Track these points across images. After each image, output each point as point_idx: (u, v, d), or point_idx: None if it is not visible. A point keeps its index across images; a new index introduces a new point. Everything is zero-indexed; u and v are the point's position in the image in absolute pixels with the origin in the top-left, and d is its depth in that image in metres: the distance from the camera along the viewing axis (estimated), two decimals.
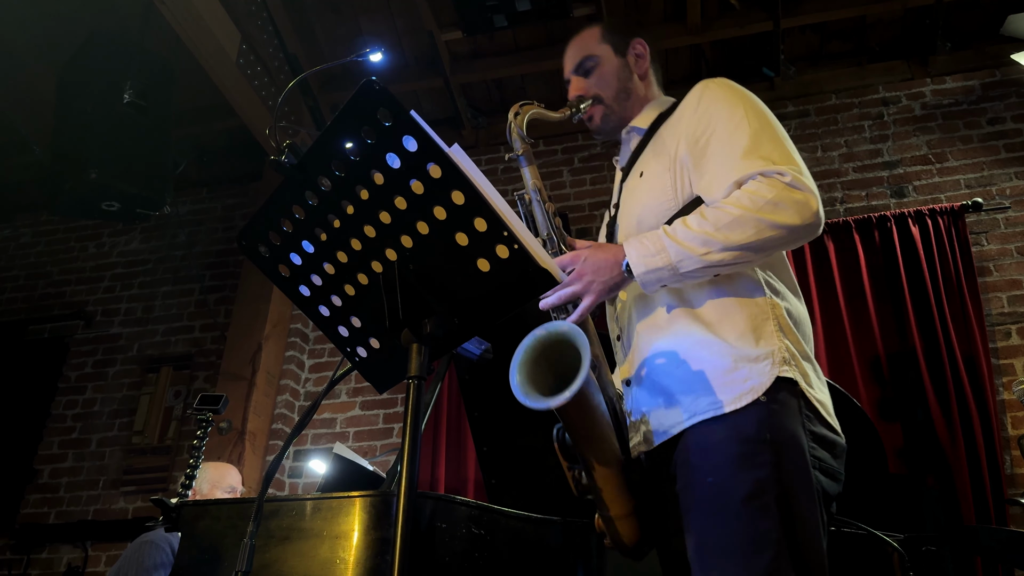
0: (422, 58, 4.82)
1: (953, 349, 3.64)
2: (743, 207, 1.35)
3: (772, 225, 1.34)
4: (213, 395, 2.67)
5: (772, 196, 1.34)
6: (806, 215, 1.34)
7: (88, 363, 5.07)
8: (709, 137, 1.48)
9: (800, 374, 1.39)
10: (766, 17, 4.38)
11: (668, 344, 1.46)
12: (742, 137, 1.44)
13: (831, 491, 1.38)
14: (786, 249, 1.49)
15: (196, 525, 1.67)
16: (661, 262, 1.38)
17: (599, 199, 4.71)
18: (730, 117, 1.48)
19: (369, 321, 1.30)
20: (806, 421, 1.36)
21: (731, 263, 1.37)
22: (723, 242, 1.35)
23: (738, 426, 1.33)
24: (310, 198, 1.23)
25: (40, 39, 4.45)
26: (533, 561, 1.69)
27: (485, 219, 1.11)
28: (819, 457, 1.36)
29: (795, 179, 1.36)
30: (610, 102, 1.73)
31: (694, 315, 1.45)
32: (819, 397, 1.42)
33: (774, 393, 1.34)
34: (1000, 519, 3.36)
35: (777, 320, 1.42)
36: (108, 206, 3.84)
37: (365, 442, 4.38)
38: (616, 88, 1.73)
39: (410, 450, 1.09)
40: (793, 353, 1.40)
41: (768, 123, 1.48)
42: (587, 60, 1.77)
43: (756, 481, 1.28)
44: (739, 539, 1.26)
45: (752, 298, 1.44)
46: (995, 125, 4.32)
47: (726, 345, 1.39)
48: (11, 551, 4.58)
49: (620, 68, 1.75)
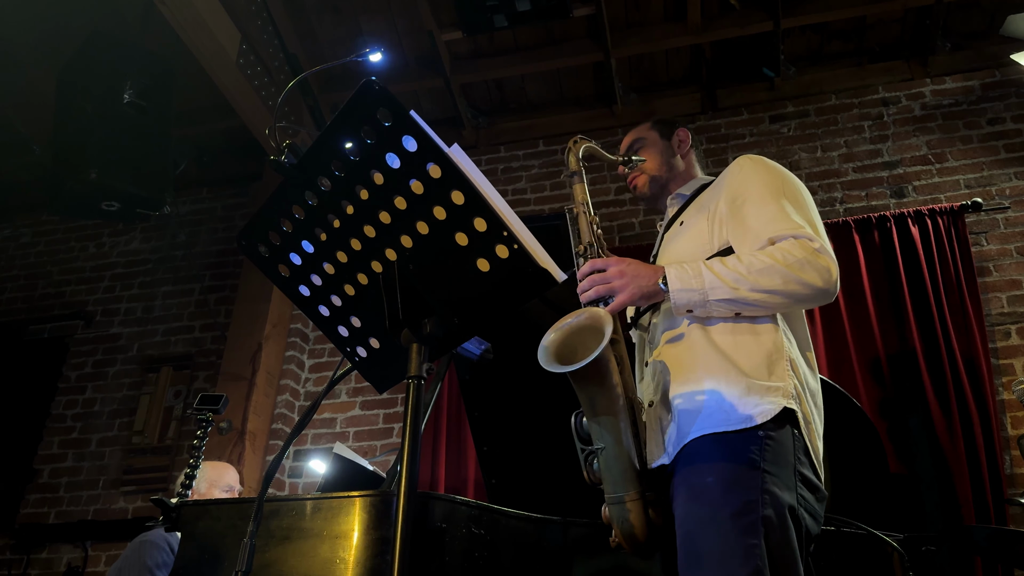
0: (422, 58, 4.81)
1: (953, 349, 3.64)
2: (775, 259, 1.53)
3: (797, 280, 1.51)
4: (213, 395, 2.67)
5: (801, 256, 1.52)
6: (827, 280, 1.53)
7: (88, 363, 5.07)
8: (747, 197, 1.68)
9: (802, 413, 1.51)
10: (766, 17, 4.39)
11: (688, 370, 1.59)
12: (778, 203, 1.63)
13: (812, 531, 1.47)
14: (803, 307, 1.67)
15: (196, 525, 1.67)
16: (695, 284, 1.55)
17: (599, 199, 4.72)
18: (769, 185, 1.68)
19: (369, 321, 1.30)
20: (797, 463, 1.47)
21: (754, 304, 1.54)
22: (752, 283, 1.52)
23: (735, 451, 1.44)
24: (310, 198, 1.23)
25: (40, 39, 4.46)
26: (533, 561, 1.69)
27: (485, 219, 1.11)
28: (805, 497, 1.46)
29: (822, 248, 1.55)
30: (653, 171, 1.98)
31: (715, 347, 1.58)
32: (814, 442, 1.53)
33: (776, 427, 1.46)
34: (1000, 519, 3.35)
35: (789, 361, 1.55)
36: (108, 206, 3.84)
37: (365, 442, 4.38)
38: (659, 161, 1.98)
39: (410, 450, 1.09)
40: (800, 392, 1.53)
41: (803, 197, 1.68)
42: (636, 142, 2.03)
43: (745, 502, 1.39)
44: (726, 551, 1.35)
45: (769, 338, 1.57)
46: (995, 125, 4.32)
47: (741, 375, 1.52)
48: (11, 551, 4.58)
49: (664, 147, 2.00)
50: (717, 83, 4.81)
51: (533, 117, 5.08)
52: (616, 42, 4.58)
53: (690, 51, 4.75)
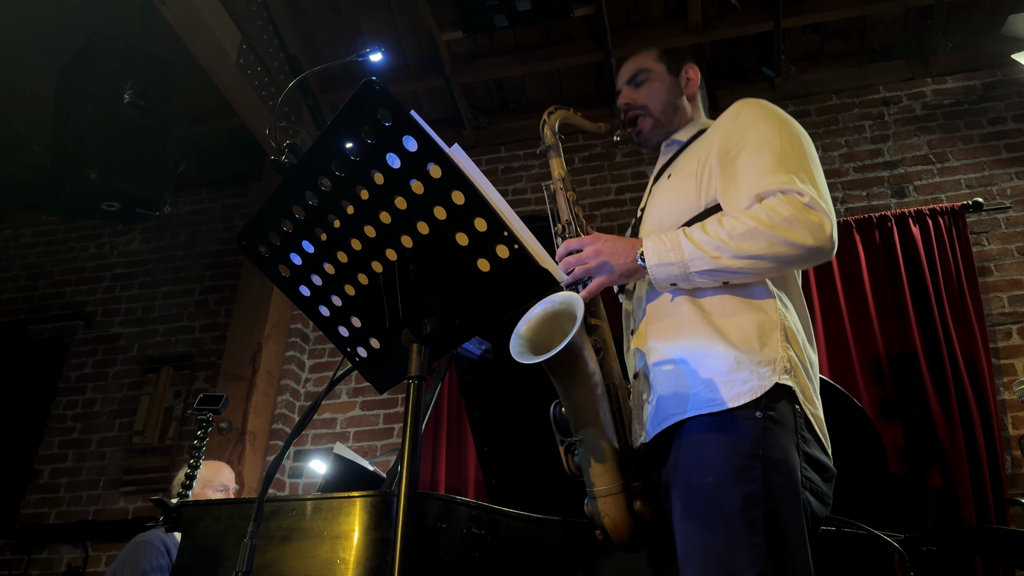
0: (422, 58, 4.81)
1: (953, 349, 3.64)
2: (758, 220, 1.40)
3: (784, 241, 1.38)
4: (213, 395, 2.67)
5: (788, 214, 1.39)
6: (819, 237, 1.39)
7: (88, 363, 5.07)
8: (740, 150, 1.53)
9: (800, 387, 1.41)
10: (766, 17, 4.38)
11: (674, 341, 1.48)
12: (770, 154, 1.49)
13: (819, 513, 1.39)
14: (796, 268, 1.55)
15: (196, 525, 1.66)
16: (674, 258, 1.43)
17: (599, 199, 4.72)
18: (764, 134, 1.53)
19: (369, 321, 1.30)
20: (801, 442, 1.38)
21: (740, 271, 1.42)
22: (735, 250, 1.40)
23: (733, 439, 1.35)
24: (310, 198, 1.22)
25: (40, 39, 4.45)
26: (533, 561, 1.69)
27: (485, 219, 1.11)
28: (810, 479, 1.38)
29: (813, 200, 1.40)
30: (658, 114, 1.79)
31: (703, 317, 1.48)
32: (816, 413, 1.44)
33: (772, 404, 1.36)
34: (1000, 519, 3.35)
35: (784, 331, 1.44)
36: (108, 206, 3.84)
37: (365, 442, 4.38)
38: (665, 102, 1.79)
39: (410, 450, 1.09)
40: (795, 364, 1.42)
41: (800, 145, 1.52)
42: (641, 73, 1.82)
43: (746, 497, 1.30)
44: (728, 551, 1.28)
45: (762, 307, 1.47)
46: (996, 125, 4.32)
47: (730, 347, 1.42)
48: (11, 551, 4.58)
49: (671, 85, 1.81)
50: (717, 83, 4.81)
51: (533, 117, 5.07)
52: (616, 42, 4.58)
53: (690, 51, 4.74)
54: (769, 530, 1.28)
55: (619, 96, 1.86)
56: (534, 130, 1.74)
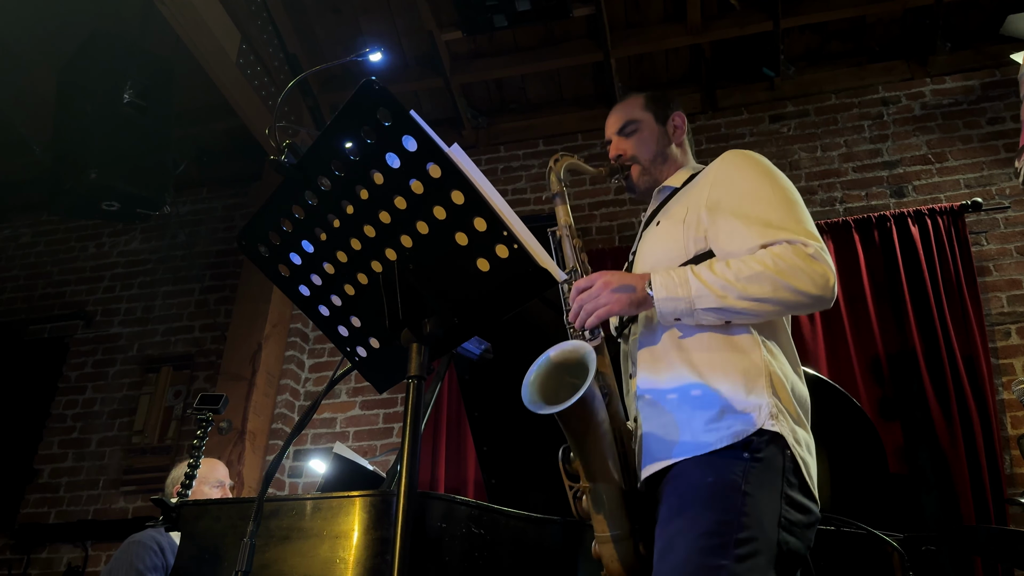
0: (422, 58, 4.82)
1: (953, 349, 3.64)
2: (765, 265, 1.45)
3: (788, 288, 1.44)
4: (213, 395, 2.67)
5: (793, 263, 1.45)
6: (822, 287, 1.45)
7: (88, 363, 5.07)
8: (736, 198, 1.59)
9: (787, 432, 1.44)
10: (766, 17, 4.38)
11: (663, 387, 1.54)
12: (770, 206, 1.55)
13: (797, 552, 1.42)
14: (796, 313, 1.61)
15: (196, 525, 1.67)
16: (682, 293, 1.48)
17: (598, 199, 4.72)
18: (759, 185, 1.60)
19: (369, 321, 1.30)
20: (786, 486, 1.41)
21: (743, 312, 1.47)
22: (740, 291, 1.45)
23: (720, 470, 1.40)
24: (310, 198, 1.23)
25: (40, 39, 4.45)
26: (533, 561, 1.69)
27: (485, 219, 1.11)
28: (790, 520, 1.40)
29: (817, 252, 1.47)
30: (647, 164, 1.86)
31: (691, 364, 1.52)
32: (805, 459, 1.47)
33: (760, 446, 1.41)
34: (1000, 519, 3.35)
35: (770, 378, 1.48)
36: (108, 206, 3.84)
37: (365, 442, 4.38)
38: (654, 152, 1.86)
39: (410, 450, 1.09)
40: (781, 409, 1.46)
41: (794, 197, 1.60)
42: (629, 124, 1.90)
43: (719, 522, 1.34)
44: (690, 569, 1.32)
45: (748, 355, 1.50)
46: (995, 125, 4.32)
47: (716, 394, 1.47)
48: (11, 551, 4.58)
49: (660, 135, 1.88)
50: (717, 83, 4.81)
51: (533, 117, 5.08)
52: (616, 42, 4.58)
53: (690, 51, 4.75)
54: (740, 558, 1.31)
55: (610, 146, 1.92)
56: (534, 130, 1.75)
